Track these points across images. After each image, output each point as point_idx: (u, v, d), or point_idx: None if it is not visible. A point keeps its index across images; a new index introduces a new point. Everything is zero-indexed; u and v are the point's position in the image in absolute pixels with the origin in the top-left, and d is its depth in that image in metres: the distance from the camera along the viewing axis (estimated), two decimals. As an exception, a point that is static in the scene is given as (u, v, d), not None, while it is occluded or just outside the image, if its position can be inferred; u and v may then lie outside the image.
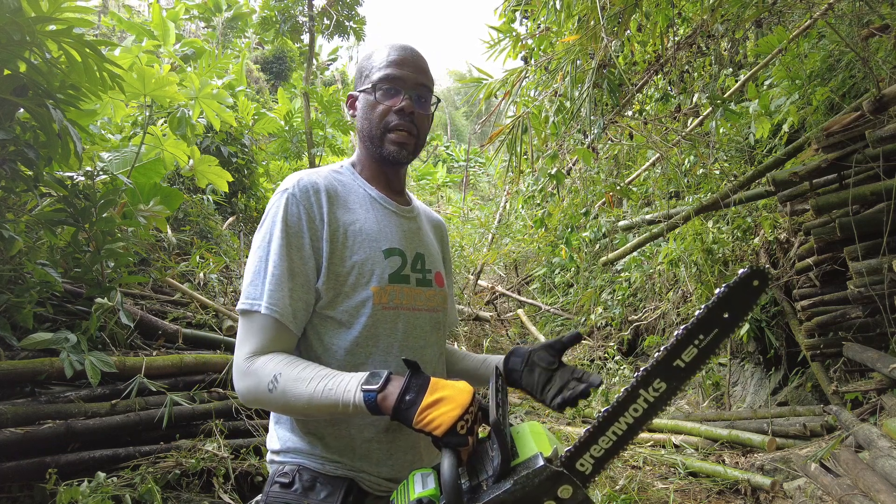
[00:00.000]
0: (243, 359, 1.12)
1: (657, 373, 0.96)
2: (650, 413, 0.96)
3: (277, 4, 9.27)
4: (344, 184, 1.28)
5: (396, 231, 1.28)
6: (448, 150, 19.76)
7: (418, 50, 1.31)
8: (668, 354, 0.96)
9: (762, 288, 0.94)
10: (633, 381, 0.97)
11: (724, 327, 0.95)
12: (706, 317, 0.96)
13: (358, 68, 1.34)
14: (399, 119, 1.24)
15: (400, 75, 1.25)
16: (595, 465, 0.95)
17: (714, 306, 0.95)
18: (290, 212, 1.18)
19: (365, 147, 1.31)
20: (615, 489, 3.46)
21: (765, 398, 4.93)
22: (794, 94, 4.23)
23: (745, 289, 0.95)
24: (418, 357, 1.24)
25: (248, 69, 15.40)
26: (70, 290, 3.36)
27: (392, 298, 1.22)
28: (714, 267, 5.12)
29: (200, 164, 5.08)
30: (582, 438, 0.96)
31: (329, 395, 1.04)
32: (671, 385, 0.96)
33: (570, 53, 4.35)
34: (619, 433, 0.96)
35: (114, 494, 2.58)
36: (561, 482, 0.89)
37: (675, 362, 0.95)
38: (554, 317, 7.78)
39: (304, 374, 1.07)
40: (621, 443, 0.96)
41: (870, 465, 2.74)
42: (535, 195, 6.05)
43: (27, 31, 2.61)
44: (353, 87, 1.34)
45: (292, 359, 1.12)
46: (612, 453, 0.96)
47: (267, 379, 1.08)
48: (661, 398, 0.95)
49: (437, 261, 1.37)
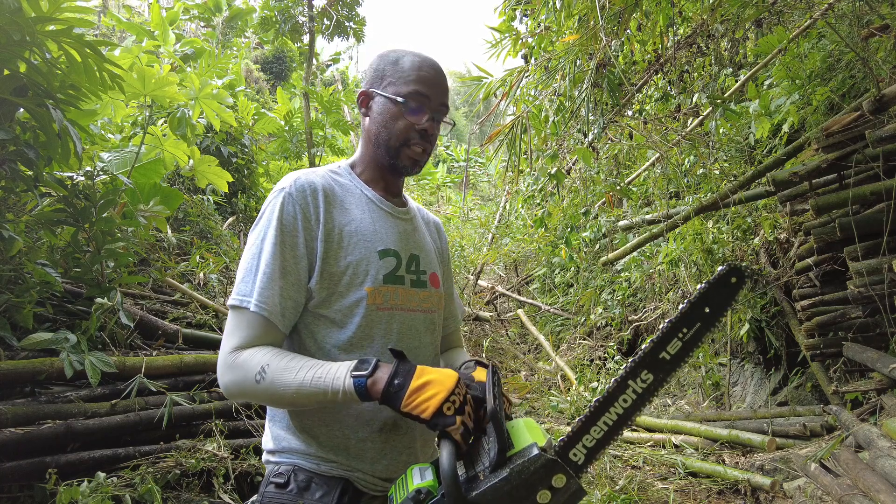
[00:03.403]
0: (228, 352, 1.13)
1: (644, 364, 1.00)
2: (638, 404, 0.99)
3: (277, 4, 9.26)
4: (341, 184, 1.29)
5: (392, 232, 1.28)
6: (448, 150, 19.74)
7: (441, 66, 1.32)
8: (654, 347, 1.00)
9: (740, 284, 1.00)
10: (621, 372, 1.01)
11: (706, 321, 1.00)
12: (689, 311, 1.01)
13: (378, 68, 1.29)
14: (419, 138, 1.26)
15: (429, 94, 1.25)
16: (587, 455, 0.99)
17: (696, 301, 1.00)
18: (285, 211, 1.18)
19: (374, 152, 1.30)
20: (615, 489, 3.46)
21: (765, 398, 4.93)
22: (794, 94, 4.22)
23: (725, 285, 1.00)
24: (412, 358, 1.24)
25: (248, 69, 15.40)
26: (70, 290, 3.36)
27: (386, 299, 1.23)
28: (714, 267, 5.11)
29: (200, 164, 5.08)
30: (574, 428, 0.99)
31: (318, 384, 1.06)
32: (658, 377, 1.00)
33: (569, 53, 4.35)
34: (609, 423, 0.99)
35: (114, 494, 2.58)
36: (555, 471, 0.92)
37: (661, 354, 1.00)
38: (554, 317, 7.78)
39: (293, 365, 1.09)
40: (612, 433, 0.99)
41: (870, 465, 2.74)
42: (534, 195, 6.04)
43: (27, 31, 2.61)
44: (366, 84, 1.30)
45: (279, 350, 1.13)
46: (604, 443, 0.99)
47: (254, 370, 1.09)
48: (649, 389, 1.00)
49: (433, 262, 1.38)
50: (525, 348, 7.59)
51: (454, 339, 1.55)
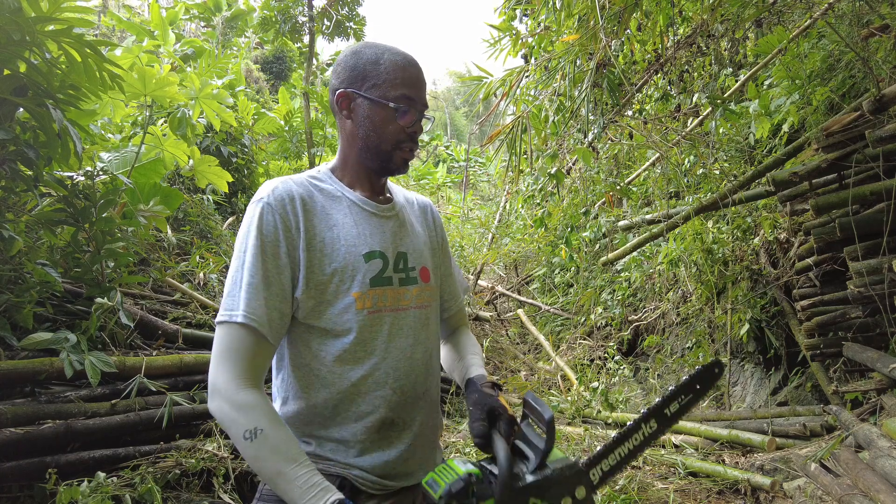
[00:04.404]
0: (234, 385, 1.11)
1: (653, 414, 1.22)
2: (644, 445, 1.20)
3: (277, 4, 9.27)
4: (322, 189, 1.27)
5: (376, 233, 1.27)
6: (448, 150, 19.74)
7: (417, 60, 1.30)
8: (661, 403, 1.24)
9: (720, 374, 1.31)
10: (637, 417, 1.22)
11: (696, 394, 1.28)
12: (687, 384, 1.27)
13: (356, 67, 1.25)
14: (409, 140, 1.26)
15: (415, 97, 1.25)
16: (601, 478, 1.14)
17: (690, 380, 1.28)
18: (265, 221, 1.17)
19: (358, 155, 1.28)
20: (615, 489, 3.46)
21: (765, 398, 4.93)
22: (794, 94, 4.22)
23: (710, 372, 1.30)
24: (407, 357, 1.26)
25: (248, 69, 15.40)
26: (70, 290, 3.36)
27: (375, 302, 1.22)
28: (714, 267, 5.11)
29: (200, 164, 5.08)
30: (598, 452, 1.15)
31: (297, 494, 1.04)
32: (660, 426, 1.22)
33: (569, 53, 4.36)
34: (622, 455, 1.17)
35: (114, 494, 2.58)
36: (581, 482, 1.07)
37: (665, 410, 1.23)
38: (554, 317, 7.78)
39: (286, 449, 1.08)
40: (622, 463, 1.17)
41: (870, 465, 2.74)
42: (534, 195, 6.04)
43: (27, 31, 2.61)
44: (344, 84, 1.25)
45: (275, 418, 1.12)
46: (615, 471, 1.16)
47: (249, 426, 1.08)
48: (653, 435, 1.21)
49: (423, 255, 1.36)
50: (525, 348, 7.59)
51: (457, 319, 1.53)
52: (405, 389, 1.26)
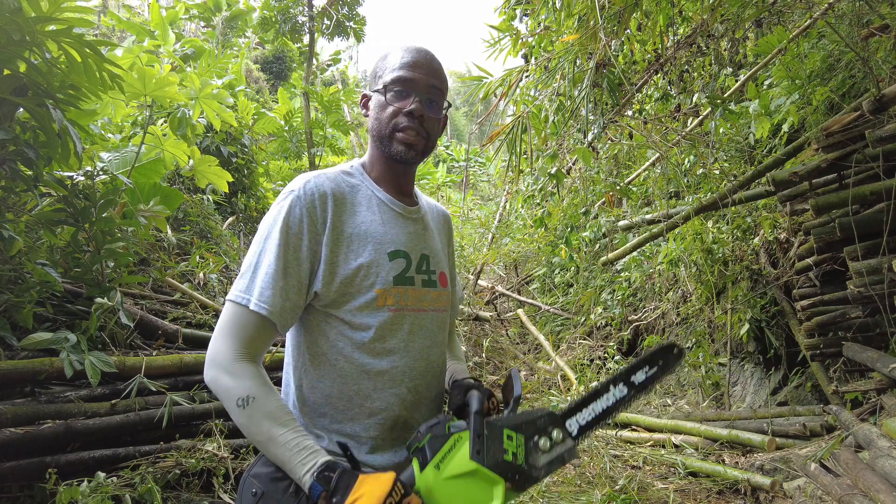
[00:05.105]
0: (231, 356, 1.13)
1: (621, 378, 1.27)
2: (618, 405, 1.24)
3: (277, 4, 9.27)
4: (352, 185, 1.30)
5: (402, 233, 1.29)
6: (448, 150, 19.74)
7: (433, 53, 1.31)
8: (628, 369, 1.29)
9: (681, 356, 1.34)
10: (608, 378, 1.27)
11: (661, 369, 1.30)
12: (649, 356, 1.32)
13: (372, 69, 1.34)
14: (408, 121, 1.25)
15: (411, 77, 1.25)
16: (579, 430, 1.18)
17: (652, 353, 1.32)
18: (292, 213, 1.19)
19: (375, 146, 1.32)
20: (615, 489, 3.46)
21: (765, 398, 4.92)
22: (794, 94, 4.22)
23: (670, 351, 1.33)
24: (423, 357, 1.27)
25: (248, 69, 15.40)
26: (70, 290, 3.36)
27: (397, 300, 1.24)
28: (714, 267, 5.11)
29: (200, 164, 5.08)
30: (571, 405, 1.20)
31: (287, 456, 1.07)
32: (630, 392, 1.26)
33: (569, 53, 4.36)
34: (596, 412, 1.22)
35: (114, 494, 2.58)
36: (556, 424, 1.13)
37: (632, 378, 1.28)
38: (554, 317, 7.78)
39: (278, 415, 1.10)
40: (598, 420, 1.21)
41: (870, 465, 2.74)
42: (534, 195, 6.04)
43: (27, 31, 2.61)
44: (366, 86, 1.35)
45: (269, 387, 1.13)
46: (592, 425, 1.20)
47: (242, 394, 1.10)
48: (625, 399, 1.25)
49: (442, 260, 1.38)
50: (525, 348, 7.59)
51: (452, 327, 1.57)
52: (420, 389, 1.27)
